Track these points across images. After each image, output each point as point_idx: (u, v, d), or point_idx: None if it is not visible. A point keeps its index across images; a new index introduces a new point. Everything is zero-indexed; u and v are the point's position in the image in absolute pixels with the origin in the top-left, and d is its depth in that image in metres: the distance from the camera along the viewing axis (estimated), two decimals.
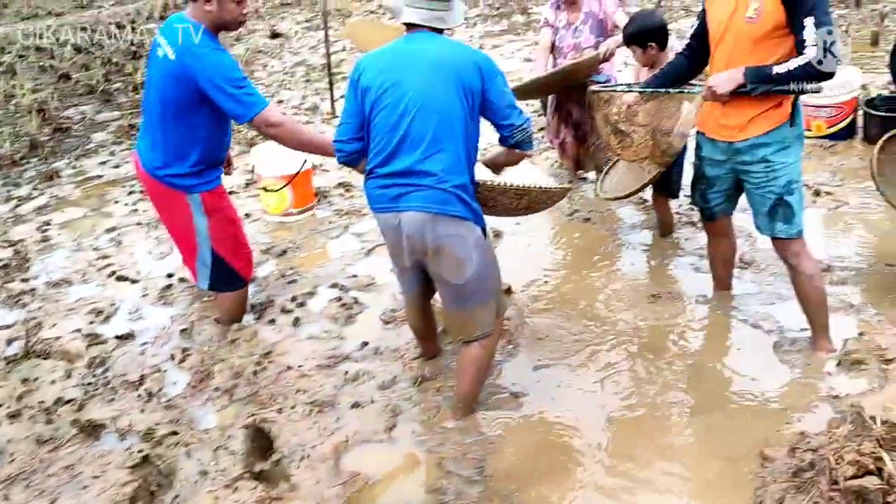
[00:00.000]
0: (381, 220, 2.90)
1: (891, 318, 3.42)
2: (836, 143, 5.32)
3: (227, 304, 3.78)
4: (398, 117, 2.73)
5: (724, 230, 3.55)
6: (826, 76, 2.76)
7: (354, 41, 9.54)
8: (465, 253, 2.79)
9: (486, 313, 2.92)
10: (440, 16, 2.80)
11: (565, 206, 4.93)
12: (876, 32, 7.13)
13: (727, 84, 2.90)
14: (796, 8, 2.74)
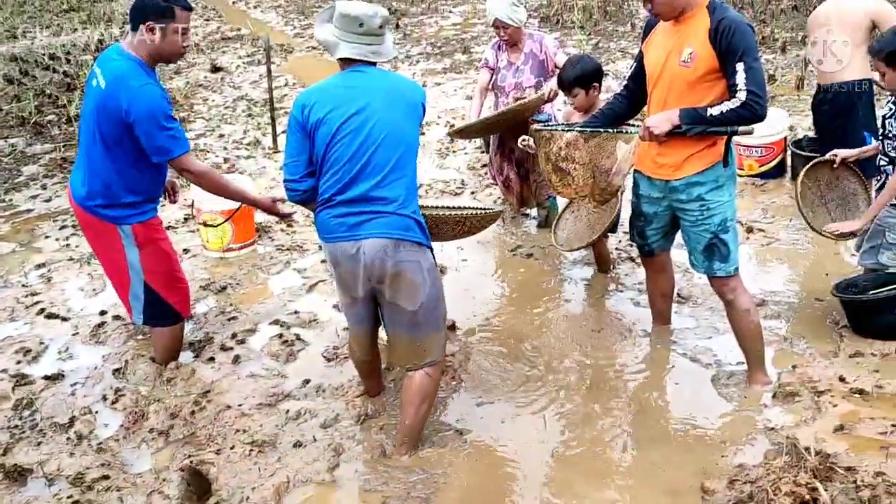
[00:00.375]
0: (335, 250, 2.87)
1: (821, 351, 3.54)
2: (766, 181, 5.52)
3: (163, 340, 3.67)
4: (360, 146, 2.76)
5: (662, 266, 3.63)
6: (757, 118, 2.88)
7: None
8: (421, 278, 2.84)
9: (437, 339, 2.97)
10: (375, 49, 2.87)
11: (509, 242, 4.98)
12: (801, 77, 7.47)
13: (663, 124, 2.98)
14: (728, 54, 2.85)
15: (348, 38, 2.83)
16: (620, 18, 11.23)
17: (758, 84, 2.82)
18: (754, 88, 2.81)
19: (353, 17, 2.80)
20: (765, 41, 9.14)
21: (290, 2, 15.96)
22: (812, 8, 10.15)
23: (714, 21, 2.88)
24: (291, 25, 13.55)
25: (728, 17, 2.88)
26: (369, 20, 2.81)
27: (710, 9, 2.93)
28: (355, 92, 2.81)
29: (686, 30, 2.97)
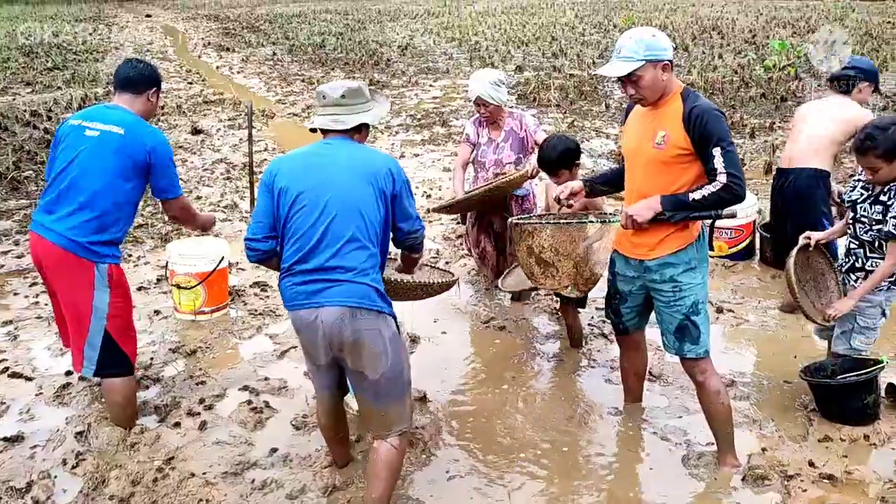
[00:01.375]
0: (297, 319, 2.91)
1: (790, 434, 3.56)
2: (736, 262, 5.63)
3: (116, 394, 3.60)
4: (318, 217, 2.83)
5: (636, 344, 3.66)
6: (738, 199, 2.95)
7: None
8: (382, 346, 2.85)
9: (401, 409, 2.95)
10: (336, 118, 2.99)
11: (482, 314, 4.99)
12: (769, 162, 7.71)
13: (646, 212, 3.05)
14: (703, 140, 2.94)
15: (317, 112, 3.03)
16: (595, 98, 11.57)
17: (736, 166, 2.92)
18: (733, 171, 2.90)
19: (319, 92, 3.03)
20: (734, 126, 9.44)
21: (273, 68, 16.25)
22: (779, 98, 10.61)
23: (687, 108, 2.99)
24: (274, 91, 13.75)
25: (700, 105, 2.99)
26: (331, 92, 3.00)
27: (684, 96, 3.05)
28: (319, 163, 2.92)
29: (661, 114, 3.08)
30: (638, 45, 2.96)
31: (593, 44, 16.81)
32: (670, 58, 3.01)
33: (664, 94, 3.07)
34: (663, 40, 2.97)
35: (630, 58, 2.97)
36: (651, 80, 2.99)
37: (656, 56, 2.96)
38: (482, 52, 16.65)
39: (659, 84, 3.01)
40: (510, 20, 22.52)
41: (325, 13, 28.45)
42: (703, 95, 3.16)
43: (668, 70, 3.01)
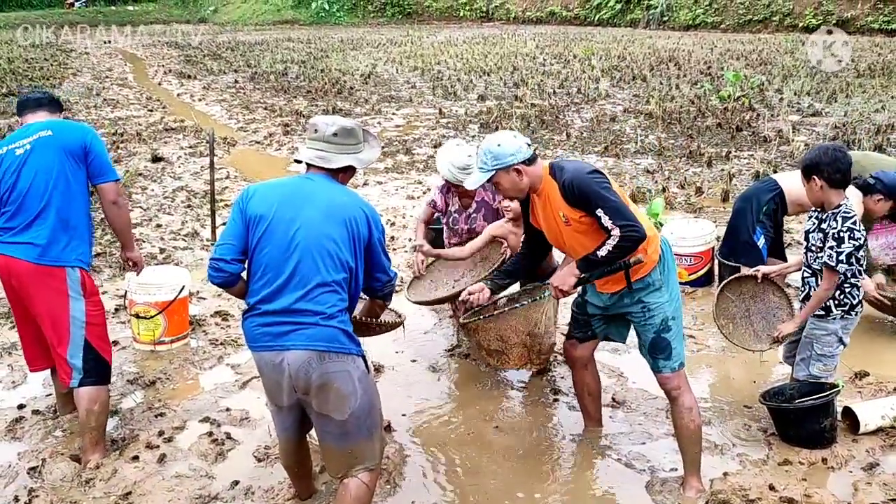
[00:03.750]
0: (261, 360, 2.85)
1: (751, 459, 3.61)
2: (695, 289, 5.72)
3: (94, 401, 3.52)
4: (288, 254, 2.78)
5: (584, 363, 3.69)
6: (639, 243, 3.07)
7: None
8: (351, 388, 2.80)
9: (371, 446, 2.91)
10: (322, 155, 2.95)
11: (446, 342, 4.99)
12: (726, 190, 7.88)
13: (569, 280, 3.21)
14: (586, 206, 3.09)
15: (306, 144, 2.99)
16: (556, 127, 11.74)
17: (622, 216, 3.04)
18: (621, 222, 3.03)
19: (312, 124, 2.99)
20: (692, 155, 9.65)
21: (235, 96, 16.20)
22: (734, 128, 10.87)
23: (559, 184, 3.13)
24: (235, 119, 13.68)
25: (567, 176, 3.12)
26: (324, 127, 2.95)
27: (552, 174, 3.19)
28: (296, 199, 2.87)
29: (548, 198, 3.22)
30: (487, 157, 3.15)
31: (554, 74, 17.09)
32: (520, 160, 3.13)
33: (536, 183, 3.20)
34: (509, 146, 3.12)
35: (482, 169, 3.18)
36: (508, 182, 3.18)
37: (504, 163, 3.13)
38: (444, 82, 16.81)
39: (519, 184, 3.18)
40: (472, 50, 22.80)
41: (288, 41, 28.49)
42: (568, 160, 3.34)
43: (521, 171, 3.15)
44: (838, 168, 3.45)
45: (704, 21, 28.80)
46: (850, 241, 3.48)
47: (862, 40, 22.01)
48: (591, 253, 3.12)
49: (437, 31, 32.27)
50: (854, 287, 3.64)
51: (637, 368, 4.36)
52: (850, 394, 4.07)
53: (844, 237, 3.48)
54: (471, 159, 4.36)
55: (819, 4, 25.79)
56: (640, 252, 3.15)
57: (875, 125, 10.58)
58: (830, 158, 3.47)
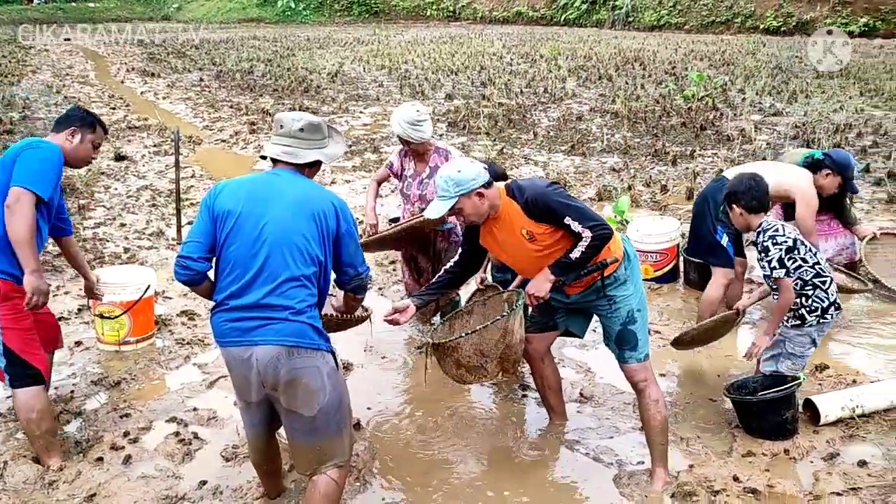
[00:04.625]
0: (229, 355, 2.84)
1: (716, 451, 3.67)
2: (661, 285, 5.80)
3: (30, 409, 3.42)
4: (257, 249, 2.77)
5: (541, 353, 3.73)
6: (608, 241, 3.15)
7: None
8: (319, 383, 2.79)
9: (340, 442, 2.90)
10: (289, 151, 2.95)
11: (415, 339, 4.99)
12: (690, 188, 7.99)
13: (544, 285, 3.24)
14: (552, 219, 3.14)
15: (273, 140, 2.97)
16: (524, 126, 11.80)
17: (590, 218, 3.11)
18: (591, 223, 3.10)
19: (277, 119, 2.97)
20: (657, 154, 9.77)
21: (200, 94, 16.01)
22: (698, 127, 11.03)
23: (521, 203, 3.17)
24: (201, 118, 13.53)
25: (527, 194, 3.17)
26: (290, 123, 2.94)
27: (511, 194, 3.23)
28: (264, 194, 2.86)
29: (509, 219, 3.24)
30: (449, 184, 3.15)
31: (521, 73, 17.18)
32: (480, 184, 3.15)
33: (494, 206, 3.23)
34: (469, 172, 3.14)
35: (444, 197, 3.18)
36: (471, 207, 3.19)
37: (466, 189, 3.14)
38: (412, 81, 16.80)
39: (481, 208, 3.20)
40: (439, 49, 22.82)
41: (254, 39, 28.25)
42: (523, 179, 3.43)
43: (482, 195, 3.17)
44: (753, 196, 3.73)
45: (669, 22, 29.17)
46: (774, 247, 3.65)
47: None
48: (563, 256, 3.17)
49: (405, 30, 32.25)
50: (818, 289, 3.73)
51: (604, 364, 4.41)
52: (811, 386, 4.16)
53: (769, 245, 3.66)
54: (420, 114, 4.54)
55: (780, 7, 26.28)
56: (606, 253, 3.21)
57: (834, 125, 10.81)
58: (746, 187, 3.76)
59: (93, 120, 3.66)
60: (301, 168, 2.97)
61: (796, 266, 3.69)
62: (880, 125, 10.77)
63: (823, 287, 3.74)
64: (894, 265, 5.53)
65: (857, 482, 3.36)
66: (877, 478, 3.38)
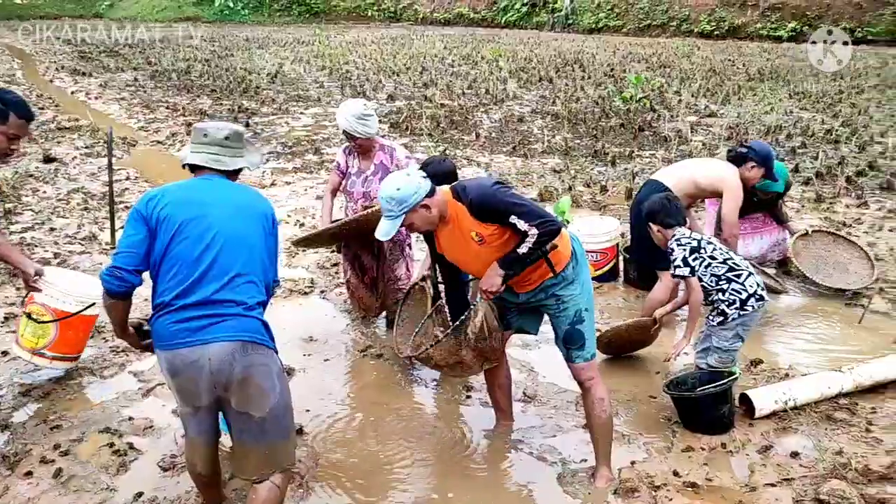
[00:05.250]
0: (175, 359, 2.74)
1: (656, 447, 3.73)
2: (602, 284, 5.87)
3: None
4: (204, 248, 2.75)
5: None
6: (556, 235, 3.18)
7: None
8: (270, 383, 2.78)
9: (286, 447, 2.88)
10: (218, 158, 2.98)
11: (359, 342, 4.95)
12: (629, 188, 8.13)
13: (495, 280, 3.25)
14: (498, 218, 3.15)
15: (194, 148, 2.98)
16: (465, 128, 11.83)
17: (535, 215, 3.12)
18: (536, 220, 3.11)
19: (200, 129, 3.00)
20: (597, 155, 9.91)
21: (135, 95, 15.60)
22: (637, 128, 11.24)
23: (466, 204, 3.17)
24: (136, 119, 13.18)
25: (471, 195, 3.17)
26: (215, 132, 2.99)
27: (456, 196, 3.23)
28: (203, 197, 2.87)
29: (457, 223, 3.24)
30: (391, 204, 3.14)
31: (462, 74, 17.23)
32: (423, 195, 3.14)
33: (443, 210, 3.23)
34: (409, 188, 3.12)
35: (391, 216, 3.17)
36: (420, 219, 3.20)
37: (409, 205, 3.13)
38: (353, 81, 16.69)
39: (430, 218, 3.20)
40: (380, 50, 22.74)
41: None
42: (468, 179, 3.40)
43: (428, 205, 3.16)
44: (668, 213, 3.99)
45: (607, 25, 29.68)
46: (679, 248, 3.91)
47: (752, 46, 23.18)
48: (511, 251, 3.18)
49: (345, 30, 32.04)
50: (733, 282, 3.88)
51: (547, 363, 4.45)
52: (747, 381, 4.27)
53: (674, 247, 3.92)
54: (367, 109, 4.54)
55: (712, 11, 27.01)
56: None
57: (765, 126, 11.15)
58: (660, 206, 4.02)
59: (3, 108, 3.44)
60: (229, 175, 3.01)
61: (705, 264, 3.88)
62: (808, 127, 11.15)
63: (739, 280, 3.88)
64: (826, 261, 5.72)
65: (790, 473, 3.46)
66: (808, 468, 3.49)
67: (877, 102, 13.05)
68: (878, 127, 11.10)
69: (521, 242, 3.15)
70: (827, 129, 11.03)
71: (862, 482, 3.34)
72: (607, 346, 4.50)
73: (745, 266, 3.94)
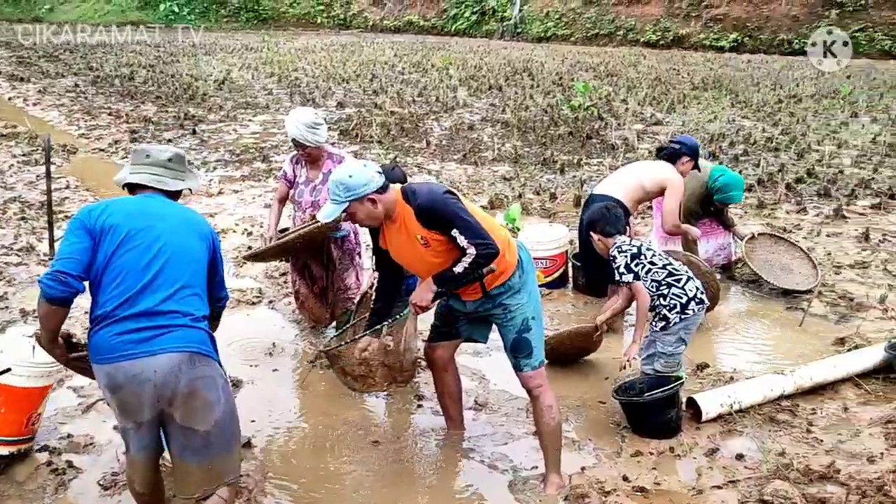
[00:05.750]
0: (116, 372, 2.65)
1: (606, 452, 3.76)
2: (552, 291, 5.91)
3: None
4: (152, 258, 2.72)
5: (445, 364, 3.73)
6: (493, 258, 3.18)
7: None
8: (216, 395, 2.74)
9: (232, 460, 2.84)
10: (160, 179, 2.99)
11: (308, 353, 4.88)
12: (578, 195, 8.22)
13: (427, 295, 3.26)
14: (442, 227, 3.15)
15: (134, 169, 2.99)
16: (416, 135, 11.82)
17: (476, 234, 3.13)
18: (477, 239, 3.12)
19: (142, 150, 3.02)
20: (546, 163, 10.00)
21: (75, 101, 15.20)
22: (584, 136, 11.38)
23: (414, 208, 3.17)
24: (76, 126, 12.83)
25: (421, 200, 3.16)
26: (157, 153, 3.01)
27: (406, 199, 3.22)
28: (150, 211, 2.88)
29: (404, 222, 3.23)
30: (339, 189, 3.13)
31: (412, 82, 17.24)
32: (373, 189, 3.13)
33: (390, 209, 3.21)
34: (361, 177, 3.11)
35: (335, 200, 3.16)
36: (364, 212, 3.19)
37: (357, 194, 3.12)
38: (303, 88, 16.55)
39: (374, 212, 3.19)
40: (330, 57, 22.61)
41: (134, 44, 27.10)
42: (420, 183, 3.47)
43: (376, 200, 3.15)
44: (608, 222, 4.08)
45: (555, 34, 30.04)
46: (620, 255, 3.98)
47: (696, 56, 23.71)
48: (447, 269, 3.19)
49: (294, 37, 31.79)
50: (673, 287, 3.95)
51: (497, 370, 4.45)
52: (693, 385, 4.34)
53: (615, 255, 4.00)
54: (318, 117, 4.52)
55: (658, 21, 27.57)
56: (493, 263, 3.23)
57: (709, 134, 11.40)
58: (600, 216, 4.12)
59: None
60: (170, 196, 3.01)
61: (646, 270, 3.95)
62: (750, 135, 11.44)
63: (679, 284, 3.96)
64: (772, 264, 5.90)
65: (736, 475, 3.53)
66: (753, 469, 3.56)
67: (813, 112, 13.46)
68: (814, 135, 11.46)
69: (459, 260, 3.16)
70: (768, 137, 11.34)
71: (804, 482, 3.42)
72: (551, 353, 4.52)
73: (685, 271, 4.03)
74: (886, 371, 4.33)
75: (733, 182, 5.58)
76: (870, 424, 3.92)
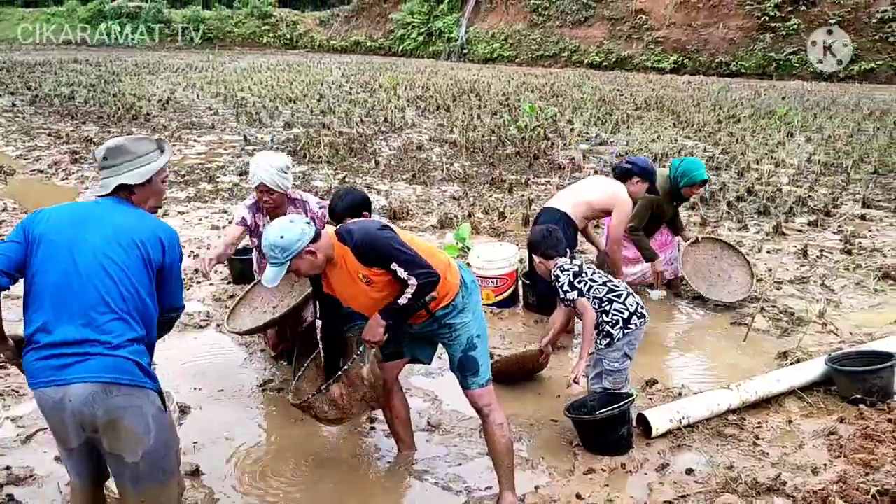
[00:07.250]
0: (41, 398, 2.59)
1: (559, 470, 3.78)
2: (502, 309, 5.94)
3: None
4: (68, 279, 2.59)
5: (390, 383, 3.72)
6: (435, 286, 3.22)
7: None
8: (143, 426, 2.61)
9: (167, 492, 2.73)
10: (102, 182, 2.84)
11: (259, 376, 4.80)
12: (526, 214, 8.31)
13: (377, 330, 3.27)
14: (381, 264, 3.18)
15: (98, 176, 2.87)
16: (364, 155, 11.81)
17: (415, 265, 3.16)
18: (416, 270, 3.15)
19: (92, 154, 2.81)
20: (494, 182, 10.09)
21: (13, 121, 14.78)
22: (532, 156, 11.52)
23: (351, 247, 3.19)
24: (14, 146, 12.47)
25: (356, 240, 3.18)
26: (97, 155, 2.89)
27: (341, 239, 3.23)
28: (82, 222, 2.71)
29: (344, 263, 3.24)
30: (276, 252, 3.11)
31: (360, 102, 17.25)
32: (307, 242, 3.12)
33: (330, 254, 3.22)
34: (292, 235, 3.10)
35: (275, 263, 3.13)
36: (306, 265, 3.19)
37: (293, 252, 3.12)
38: (249, 108, 16.41)
39: (316, 263, 3.19)
40: (277, 77, 22.48)
41: (74, 63, 26.52)
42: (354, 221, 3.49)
43: (314, 251, 3.14)
44: (548, 245, 4.14)
45: (501, 55, 30.47)
46: (563, 273, 4.06)
47: (638, 77, 24.30)
48: (392, 302, 3.21)
49: (240, 56, 31.55)
50: (614, 302, 4.02)
51: (450, 391, 4.44)
52: (643, 401, 4.40)
53: (559, 274, 4.07)
54: (289, 160, 4.44)
55: (601, 44, 28.22)
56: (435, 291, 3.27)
57: (652, 153, 11.66)
58: (541, 237, 4.19)
59: None
60: (126, 196, 2.83)
61: (588, 287, 4.03)
62: (692, 154, 11.74)
63: (620, 300, 4.04)
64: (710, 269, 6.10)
65: (686, 490, 3.58)
66: (702, 484, 3.62)
67: (752, 131, 13.90)
68: (753, 154, 11.82)
69: (402, 293, 3.18)
70: (709, 156, 11.65)
71: (752, 495, 3.49)
72: (497, 374, 4.53)
73: (624, 287, 4.12)
74: (827, 384, 4.47)
75: (692, 164, 5.77)
76: (813, 436, 4.03)
